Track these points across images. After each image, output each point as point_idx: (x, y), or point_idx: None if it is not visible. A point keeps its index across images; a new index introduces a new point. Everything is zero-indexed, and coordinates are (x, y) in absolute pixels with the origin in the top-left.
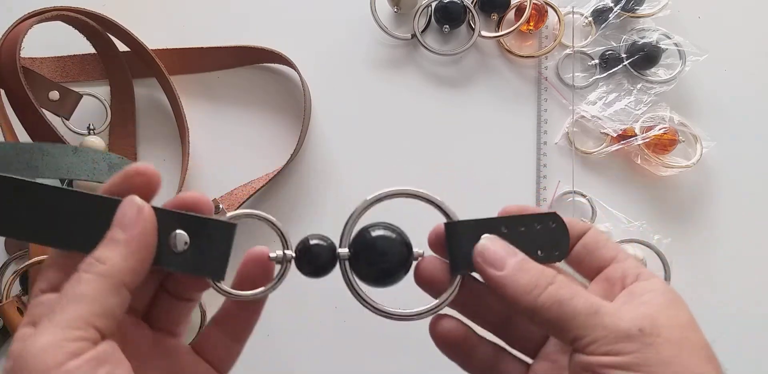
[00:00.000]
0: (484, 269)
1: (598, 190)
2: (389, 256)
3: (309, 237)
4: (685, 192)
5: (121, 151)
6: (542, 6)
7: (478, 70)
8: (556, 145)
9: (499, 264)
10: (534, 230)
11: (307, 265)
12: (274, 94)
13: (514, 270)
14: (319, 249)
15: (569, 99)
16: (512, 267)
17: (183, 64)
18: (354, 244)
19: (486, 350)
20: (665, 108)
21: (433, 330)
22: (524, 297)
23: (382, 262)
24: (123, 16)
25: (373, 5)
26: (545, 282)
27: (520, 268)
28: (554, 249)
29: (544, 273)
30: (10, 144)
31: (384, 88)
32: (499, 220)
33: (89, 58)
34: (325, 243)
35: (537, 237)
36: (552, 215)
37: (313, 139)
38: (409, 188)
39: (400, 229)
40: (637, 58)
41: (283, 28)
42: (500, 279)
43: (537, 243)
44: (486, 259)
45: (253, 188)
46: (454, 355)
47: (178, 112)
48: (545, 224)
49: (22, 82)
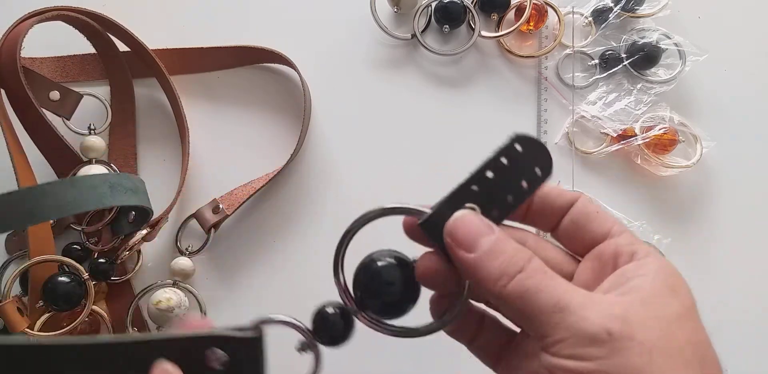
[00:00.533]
0: (454, 251)
1: (598, 190)
2: (394, 286)
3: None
4: (685, 192)
5: (121, 151)
6: (542, 6)
7: (478, 70)
8: (556, 145)
9: (471, 244)
10: (504, 166)
11: (331, 337)
12: (274, 94)
13: (485, 252)
14: (331, 320)
15: (569, 99)
16: (484, 250)
17: (183, 64)
18: (354, 291)
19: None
20: (665, 108)
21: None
22: (492, 284)
23: (388, 295)
24: (123, 16)
25: (373, 5)
26: (515, 270)
27: (492, 250)
28: (534, 167)
29: (516, 258)
30: (2, 197)
31: (384, 88)
32: (466, 182)
33: (89, 58)
34: (332, 311)
35: (512, 170)
36: (513, 138)
37: (313, 139)
38: (371, 210)
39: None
40: (637, 58)
41: (283, 28)
42: (471, 262)
43: (516, 174)
44: (456, 239)
45: (253, 188)
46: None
47: (178, 112)
48: (509, 153)
49: (22, 82)
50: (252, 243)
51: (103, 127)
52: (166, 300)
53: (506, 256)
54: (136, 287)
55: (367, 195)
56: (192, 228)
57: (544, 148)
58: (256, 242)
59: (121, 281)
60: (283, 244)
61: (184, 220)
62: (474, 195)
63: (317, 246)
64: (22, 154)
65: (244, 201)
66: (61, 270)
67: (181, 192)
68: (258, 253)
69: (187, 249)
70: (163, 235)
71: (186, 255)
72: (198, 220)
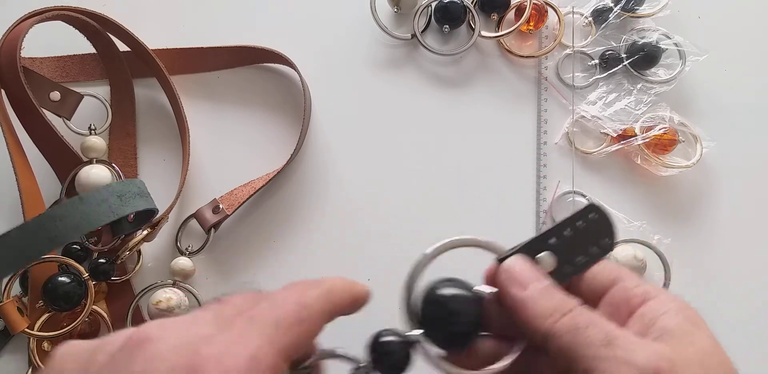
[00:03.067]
0: (506, 287)
1: (598, 190)
2: (462, 316)
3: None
4: (685, 192)
5: (121, 151)
6: (542, 6)
7: (478, 70)
8: (556, 145)
9: (524, 284)
10: (579, 229)
11: (390, 367)
12: (274, 94)
13: (537, 292)
14: (393, 347)
15: (569, 99)
16: (536, 290)
17: (183, 64)
18: (423, 319)
19: None
20: (665, 108)
21: None
22: (542, 321)
23: (456, 325)
24: (123, 16)
25: (373, 5)
26: (566, 309)
27: (544, 292)
28: (603, 238)
29: (566, 301)
30: (16, 231)
31: (384, 88)
32: (544, 235)
33: (89, 58)
34: (395, 339)
35: (585, 234)
36: (589, 207)
37: (313, 139)
38: (456, 238)
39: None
40: (637, 58)
41: (283, 28)
42: (522, 299)
43: (588, 240)
44: (511, 277)
45: (253, 188)
46: None
47: (178, 112)
48: (585, 218)
49: (22, 82)
50: (252, 243)
51: (104, 128)
52: (166, 300)
53: (559, 298)
54: (136, 287)
55: (367, 195)
56: (192, 228)
57: (612, 221)
58: (256, 242)
59: (121, 281)
60: (283, 244)
61: (184, 220)
62: (550, 247)
63: (317, 246)
64: (22, 154)
65: (244, 201)
66: (61, 270)
67: (181, 193)
68: (258, 253)
69: (187, 249)
70: (163, 235)
71: (186, 255)
72: (198, 220)
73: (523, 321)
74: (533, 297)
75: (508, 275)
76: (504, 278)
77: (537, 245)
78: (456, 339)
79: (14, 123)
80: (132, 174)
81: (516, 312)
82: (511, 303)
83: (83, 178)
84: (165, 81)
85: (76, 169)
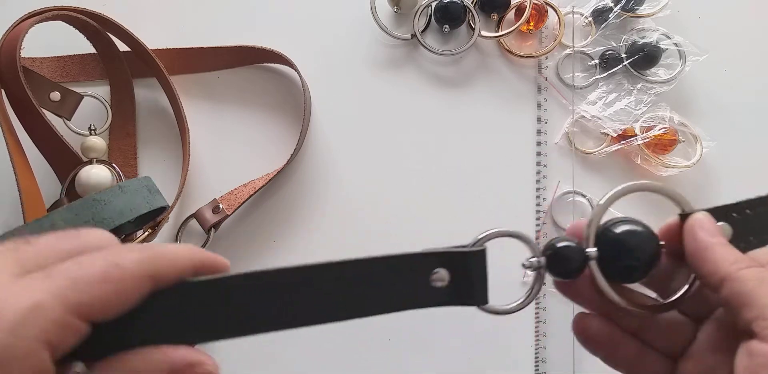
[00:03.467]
0: (695, 231)
1: (598, 190)
2: (638, 252)
3: (555, 241)
4: (685, 192)
5: (121, 151)
6: (542, 6)
7: (478, 70)
8: (556, 145)
9: (714, 233)
10: (760, 213)
11: (559, 268)
12: (274, 94)
13: (725, 242)
14: (569, 252)
15: (569, 99)
16: (723, 241)
17: (183, 64)
18: (601, 243)
19: (629, 347)
20: (665, 108)
21: (578, 328)
22: (728, 265)
23: (631, 259)
24: (123, 16)
25: (373, 5)
26: (751, 263)
27: (729, 245)
28: None
29: (750, 258)
30: (65, 208)
31: (384, 88)
32: (729, 207)
33: (89, 58)
34: (574, 245)
35: (763, 219)
36: None
37: (313, 139)
38: (642, 182)
39: (643, 222)
40: (637, 58)
41: (283, 28)
42: (711, 243)
43: (765, 225)
44: (702, 225)
45: (253, 188)
46: (597, 351)
47: (178, 112)
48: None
49: (22, 82)
50: (252, 243)
51: (104, 128)
52: None
53: (740, 254)
54: None
55: (367, 195)
56: (192, 228)
57: None
58: (256, 242)
59: None
60: (283, 244)
61: (184, 220)
62: (731, 220)
63: (317, 246)
64: (22, 154)
65: (244, 201)
66: None
67: (181, 193)
68: (258, 253)
69: None
70: (163, 235)
71: None
72: (198, 220)
73: (707, 262)
74: (722, 244)
75: (699, 224)
76: (695, 225)
77: (720, 213)
78: (627, 272)
79: (14, 123)
80: (132, 174)
81: (699, 254)
82: (697, 246)
83: (83, 178)
84: (165, 81)
85: (76, 169)
